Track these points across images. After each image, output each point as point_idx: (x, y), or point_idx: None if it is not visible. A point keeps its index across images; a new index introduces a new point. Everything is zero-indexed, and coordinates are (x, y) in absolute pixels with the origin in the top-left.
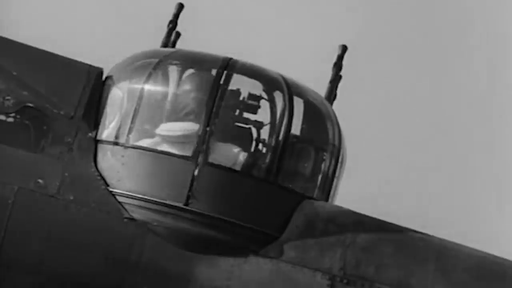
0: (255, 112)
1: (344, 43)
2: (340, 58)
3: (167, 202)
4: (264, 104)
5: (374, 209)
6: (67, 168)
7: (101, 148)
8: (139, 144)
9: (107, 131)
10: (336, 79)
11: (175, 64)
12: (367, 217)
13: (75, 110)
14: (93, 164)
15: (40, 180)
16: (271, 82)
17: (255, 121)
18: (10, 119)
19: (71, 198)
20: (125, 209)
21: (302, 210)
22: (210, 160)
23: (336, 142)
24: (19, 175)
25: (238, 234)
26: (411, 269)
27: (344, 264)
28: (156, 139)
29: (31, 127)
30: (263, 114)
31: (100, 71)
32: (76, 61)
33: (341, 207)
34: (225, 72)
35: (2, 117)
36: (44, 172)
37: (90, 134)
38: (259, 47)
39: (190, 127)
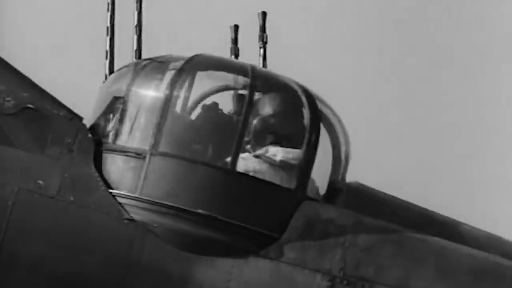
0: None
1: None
2: (263, 28)
3: (260, 230)
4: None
5: None
6: (67, 169)
7: (176, 165)
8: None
9: (179, 149)
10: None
11: (264, 87)
12: (367, 218)
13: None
14: (93, 165)
15: (40, 181)
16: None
17: None
18: (10, 120)
19: (71, 199)
20: (125, 210)
21: (302, 211)
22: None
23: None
24: (19, 176)
25: (238, 234)
26: (411, 270)
27: (344, 265)
28: (254, 162)
29: (31, 128)
30: None
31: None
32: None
33: (341, 208)
34: (316, 101)
35: (2, 118)
36: (44, 173)
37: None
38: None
39: (293, 155)
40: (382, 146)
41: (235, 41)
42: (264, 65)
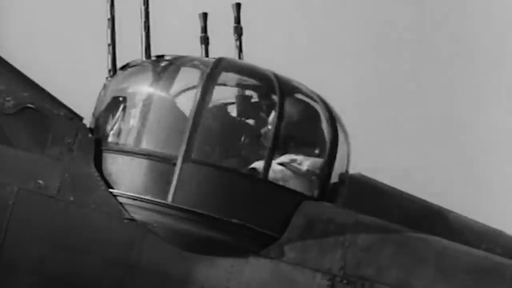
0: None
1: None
2: (237, 19)
3: (264, 231)
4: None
5: None
6: (67, 169)
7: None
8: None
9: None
10: (240, 43)
11: (288, 96)
12: (367, 218)
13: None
14: (93, 165)
15: (40, 181)
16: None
17: None
18: (10, 120)
19: (71, 199)
20: (125, 210)
21: (302, 211)
22: None
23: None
24: (19, 176)
25: (238, 234)
26: (411, 269)
27: (344, 264)
28: (279, 170)
29: (31, 128)
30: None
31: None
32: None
33: (341, 208)
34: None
35: (2, 118)
36: (44, 173)
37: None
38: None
39: (317, 165)
40: (379, 140)
41: (204, 29)
42: (240, 57)
